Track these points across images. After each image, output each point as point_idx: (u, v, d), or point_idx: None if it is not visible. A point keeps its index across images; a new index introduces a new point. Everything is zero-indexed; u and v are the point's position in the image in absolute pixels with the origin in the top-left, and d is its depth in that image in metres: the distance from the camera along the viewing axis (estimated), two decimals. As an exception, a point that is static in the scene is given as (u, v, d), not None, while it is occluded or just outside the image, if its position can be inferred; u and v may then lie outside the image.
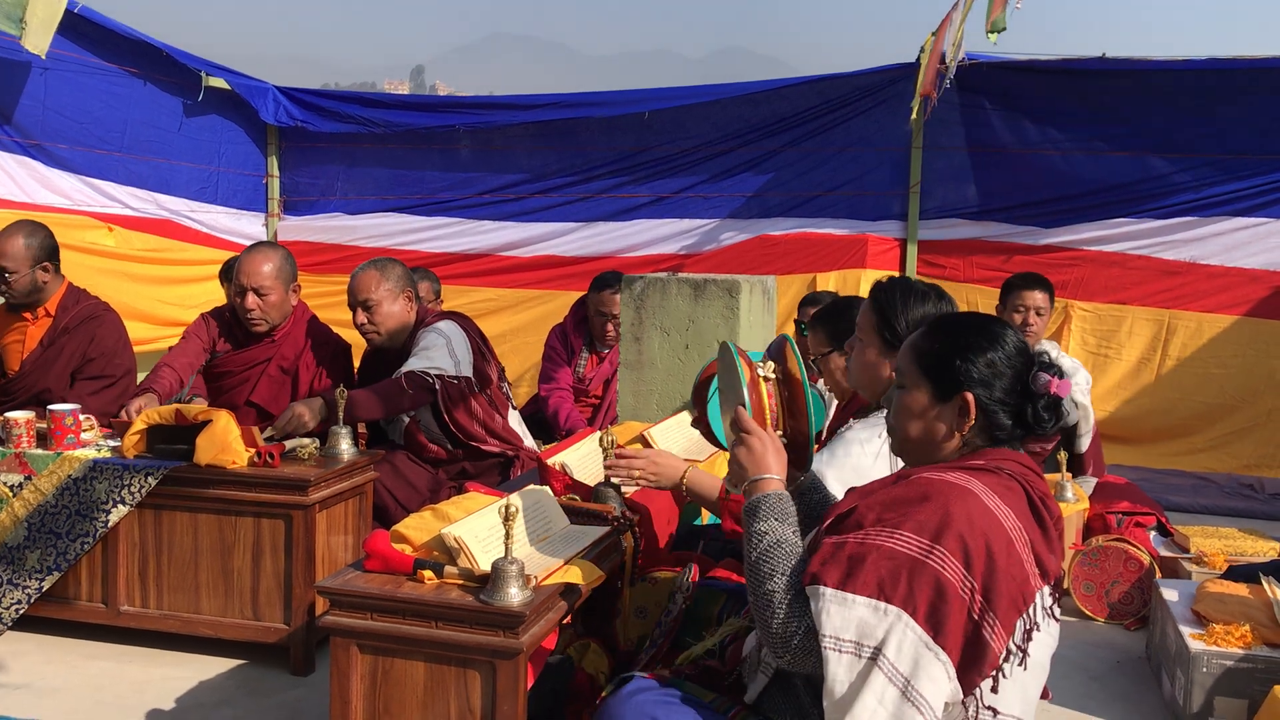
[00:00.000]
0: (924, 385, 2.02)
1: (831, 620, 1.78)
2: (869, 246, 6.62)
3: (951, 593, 1.76)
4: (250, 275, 4.24)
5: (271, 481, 3.46)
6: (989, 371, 1.97)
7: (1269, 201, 6.03)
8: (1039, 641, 1.86)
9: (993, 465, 1.94)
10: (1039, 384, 1.97)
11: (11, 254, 4.36)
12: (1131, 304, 6.24)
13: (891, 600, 1.76)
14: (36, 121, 5.80)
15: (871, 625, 1.77)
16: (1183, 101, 6.09)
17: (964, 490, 1.84)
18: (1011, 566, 1.81)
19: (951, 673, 1.77)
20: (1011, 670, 1.81)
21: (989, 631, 1.77)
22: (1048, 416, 1.98)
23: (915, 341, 2.07)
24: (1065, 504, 4.38)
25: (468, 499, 2.66)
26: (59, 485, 3.60)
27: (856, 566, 1.79)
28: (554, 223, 7.15)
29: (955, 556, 1.77)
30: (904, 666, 1.75)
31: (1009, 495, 1.88)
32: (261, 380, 4.34)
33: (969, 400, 1.96)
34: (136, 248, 6.43)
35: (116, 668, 3.51)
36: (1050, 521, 1.93)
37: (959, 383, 1.97)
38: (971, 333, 2.01)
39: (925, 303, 2.64)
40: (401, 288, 4.32)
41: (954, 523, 1.79)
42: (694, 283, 3.86)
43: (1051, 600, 1.90)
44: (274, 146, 7.49)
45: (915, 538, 1.79)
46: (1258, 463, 6.00)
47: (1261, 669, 3.08)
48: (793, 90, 6.72)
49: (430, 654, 2.21)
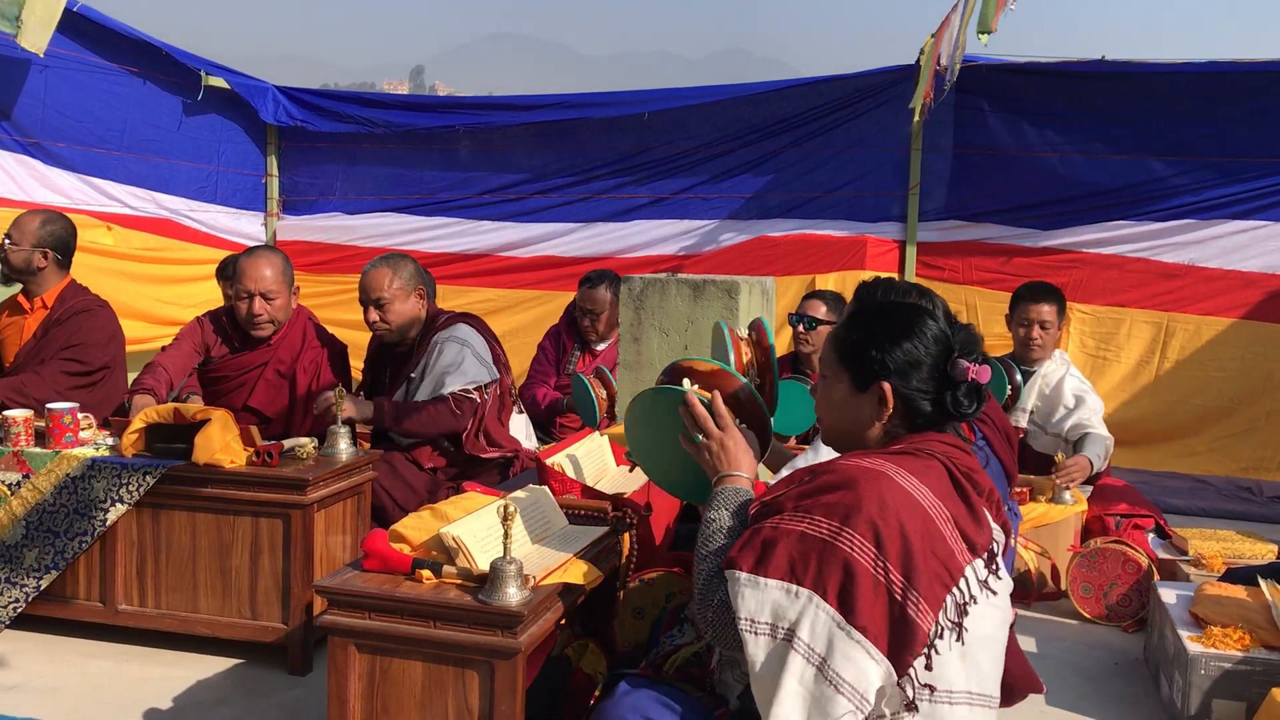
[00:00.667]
0: (844, 376, 2.07)
1: (746, 603, 1.83)
2: (868, 248, 6.62)
3: (862, 573, 1.79)
4: (257, 280, 4.24)
5: (270, 481, 3.46)
6: (905, 361, 2.01)
7: (1268, 204, 6.03)
8: (979, 615, 1.88)
9: (912, 448, 1.98)
10: (958, 371, 2.01)
11: (21, 226, 4.46)
12: (1130, 306, 6.24)
13: (802, 582, 1.81)
14: (36, 120, 5.80)
15: (784, 607, 1.81)
16: (1182, 104, 6.09)
17: (876, 474, 1.87)
18: (931, 544, 1.83)
19: (877, 654, 1.78)
20: (948, 647, 1.83)
21: (914, 610, 1.79)
22: (968, 402, 2.02)
23: (836, 332, 2.13)
24: (1063, 506, 4.39)
25: (466, 499, 2.66)
26: (57, 484, 3.60)
27: (769, 550, 1.84)
28: (553, 223, 7.15)
29: (866, 538, 1.80)
30: (819, 646, 1.79)
31: (928, 475, 1.91)
32: (259, 384, 4.33)
33: (886, 390, 2.01)
34: (135, 247, 6.43)
35: (114, 667, 3.51)
36: (975, 495, 1.96)
37: (875, 373, 2.02)
38: (889, 323, 2.05)
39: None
40: (414, 285, 4.33)
41: (864, 505, 1.82)
42: (693, 283, 3.86)
43: (987, 573, 1.92)
44: (273, 146, 7.48)
45: (825, 521, 1.83)
46: (1256, 465, 6.00)
47: (1260, 671, 3.08)
48: (793, 91, 6.72)
49: (428, 654, 2.21)
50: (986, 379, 2.01)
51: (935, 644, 1.81)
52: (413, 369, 4.32)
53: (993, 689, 1.92)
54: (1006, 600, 1.98)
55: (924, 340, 2.02)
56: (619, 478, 3.28)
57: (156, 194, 6.63)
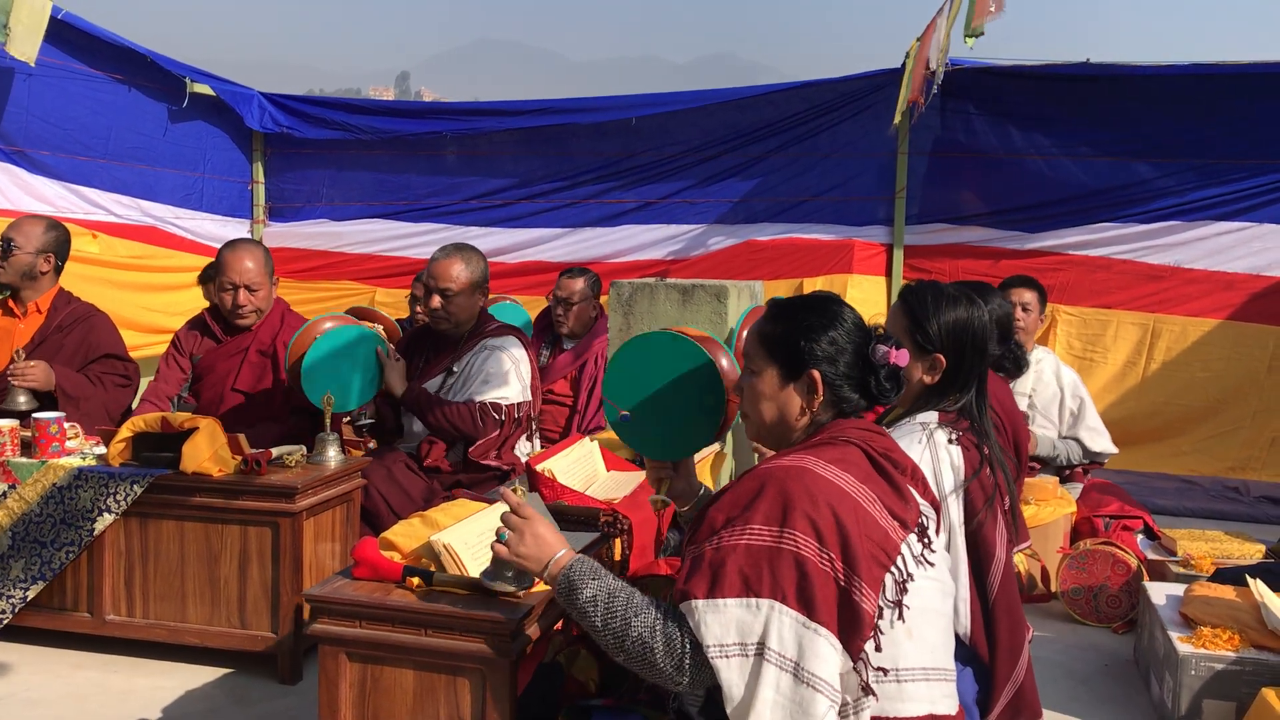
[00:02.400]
0: (772, 367, 2.10)
1: (711, 630, 1.82)
2: (855, 251, 6.64)
3: (812, 568, 1.80)
4: (240, 273, 4.29)
5: (258, 489, 3.44)
6: (832, 348, 2.05)
7: (1252, 206, 6.07)
8: (919, 590, 1.91)
9: (828, 438, 2.00)
10: (878, 355, 2.05)
11: (26, 231, 4.45)
12: (1117, 308, 6.28)
13: (760, 594, 1.81)
14: (20, 128, 5.78)
15: (749, 623, 1.81)
16: (1167, 107, 6.13)
17: (798, 470, 1.89)
18: (864, 527, 1.86)
19: (836, 644, 1.81)
20: (889, 625, 1.86)
21: (858, 595, 1.81)
22: (889, 386, 2.06)
23: (759, 326, 2.15)
24: (1052, 507, 4.40)
25: (456, 506, 2.66)
26: (44, 494, 3.58)
27: (719, 571, 1.83)
28: (541, 228, 7.15)
29: (807, 534, 1.82)
30: (790, 652, 1.79)
31: (847, 461, 1.94)
32: (243, 368, 4.37)
33: (815, 377, 2.04)
34: (121, 255, 6.40)
35: (102, 677, 3.49)
36: (897, 474, 1.99)
37: (805, 361, 2.05)
38: (811, 313, 2.09)
39: (957, 306, 2.64)
40: (482, 283, 4.31)
41: (796, 503, 1.84)
42: (682, 288, 3.87)
43: (921, 547, 1.96)
44: (259, 153, 7.47)
45: (765, 528, 1.84)
46: (1242, 465, 6.03)
47: (1249, 671, 3.09)
48: (779, 96, 6.75)
49: (420, 661, 2.20)
50: (904, 363, 2.06)
51: (879, 625, 1.84)
52: (454, 363, 4.28)
53: (945, 661, 1.96)
54: (945, 573, 2.03)
55: (845, 328, 2.07)
56: (609, 484, 3.27)
57: (142, 201, 6.61)
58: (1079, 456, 4.85)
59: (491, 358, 4.22)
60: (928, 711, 1.88)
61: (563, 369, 5.42)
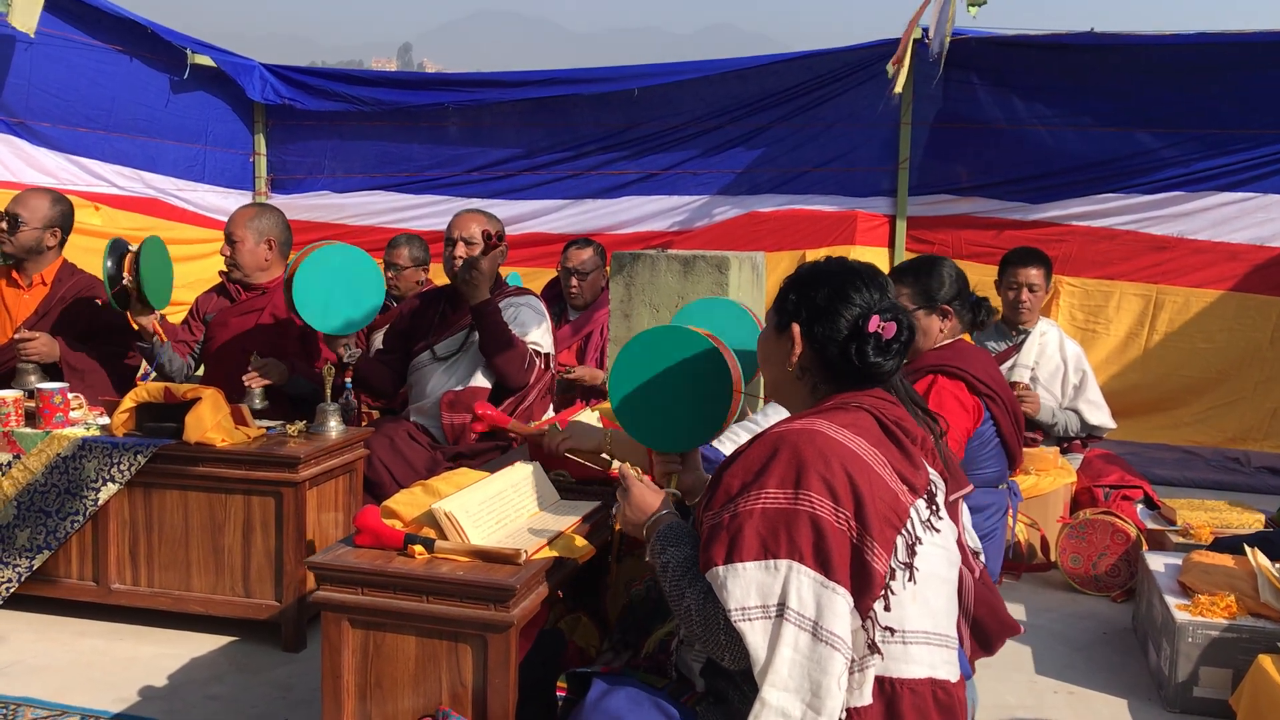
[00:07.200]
0: (772, 319, 2.17)
1: (733, 594, 1.83)
2: (858, 223, 6.61)
3: (829, 527, 1.82)
4: (229, 224, 4.47)
5: (261, 459, 3.47)
6: (816, 307, 2.07)
7: (1256, 176, 6.04)
8: (926, 554, 1.93)
9: (840, 403, 2.03)
10: (866, 323, 2.05)
11: (33, 206, 4.50)
12: (1120, 279, 6.26)
13: (778, 555, 1.82)
14: (21, 100, 5.76)
15: (768, 584, 1.82)
16: (1171, 77, 6.08)
17: (810, 431, 1.91)
18: (876, 488, 1.88)
19: (850, 602, 1.82)
20: (902, 587, 1.88)
21: (870, 554, 1.83)
22: (874, 354, 2.04)
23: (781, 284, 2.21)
24: (1052, 477, 4.41)
25: (458, 474, 2.68)
26: (48, 464, 3.60)
27: (737, 536, 1.86)
28: (543, 200, 7.13)
29: (822, 495, 1.84)
30: (809, 611, 1.81)
31: (858, 425, 1.96)
32: (256, 329, 4.44)
33: (795, 331, 2.08)
34: (123, 226, 6.38)
35: (107, 645, 3.52)
36: (908, 441, 2.01)
37: (790, 314, 2.11)
38: (817, 276, 2.13)
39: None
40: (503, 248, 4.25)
41: (810, 464, 1.86)
42: (683, 259, 3.87)
43: (929, 513, 1.97)
44: (261, 125, 7.44)
45: (780, 491, 1.86)
46: (1243, 436, 6.03)
47: (1246, 639, 3.11)
48: (782, 66, 6.70)
49: (421, 628, 2.22)
50: (891, 334, 2.04)
51: (890, 585, 1.86)
52: None
53: (947, 628, 1.97)
54: (951, 541, 2.04)
55: (842, 294, 2.07)
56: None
57: (144, 173, 6.60)
58: (1077, 428, 4.86)
59: (520, 312, 4.26)
60: (929, 675, 1.90)
61: (565, 341, 5.43)
